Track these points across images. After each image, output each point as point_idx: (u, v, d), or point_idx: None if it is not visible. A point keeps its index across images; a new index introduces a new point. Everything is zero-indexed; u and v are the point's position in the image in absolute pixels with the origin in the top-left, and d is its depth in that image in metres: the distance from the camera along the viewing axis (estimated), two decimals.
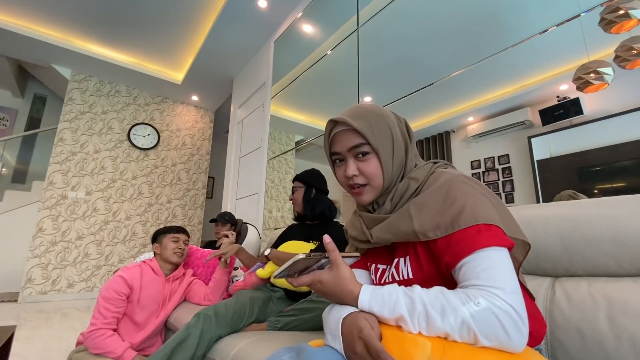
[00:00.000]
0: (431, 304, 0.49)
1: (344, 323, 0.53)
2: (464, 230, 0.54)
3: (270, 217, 3.03)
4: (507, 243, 0.53)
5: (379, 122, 0.65)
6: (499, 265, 0.51)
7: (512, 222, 0.60)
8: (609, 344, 0.66)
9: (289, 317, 1.24)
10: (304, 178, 1.61)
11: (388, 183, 0.65)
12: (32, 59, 4.14)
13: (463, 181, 0.59)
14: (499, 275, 0.50)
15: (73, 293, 3.98)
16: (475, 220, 0.53)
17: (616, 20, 1.12)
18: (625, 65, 1.10)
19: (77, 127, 4.30)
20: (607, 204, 0.77)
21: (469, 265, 0.52)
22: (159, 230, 1.71)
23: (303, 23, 3.03)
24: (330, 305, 0.61)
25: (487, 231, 0.53)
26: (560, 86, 1.30)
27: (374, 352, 0.47)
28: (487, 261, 0.51)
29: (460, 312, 0.47)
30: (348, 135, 0.65)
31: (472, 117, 1.64)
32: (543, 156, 1.36)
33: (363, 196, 0.66)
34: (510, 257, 0.53)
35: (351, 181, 0.66)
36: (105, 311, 1.41)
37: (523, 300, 0.49)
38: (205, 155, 5.34)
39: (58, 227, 4.01)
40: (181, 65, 4.44)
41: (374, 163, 0.64)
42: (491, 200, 0.58)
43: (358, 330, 0.50)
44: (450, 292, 0.50)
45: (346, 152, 0.65)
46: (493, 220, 0.54)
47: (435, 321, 0.48)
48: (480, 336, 0.46)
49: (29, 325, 2.65)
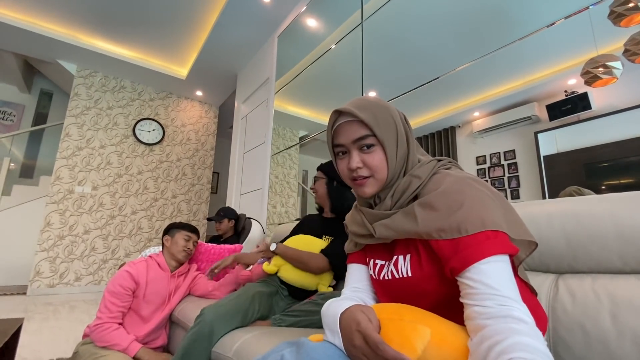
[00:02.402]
0: None
1: (342, 318, 0.53)
2: (472, 237, 0.53)
3: (274, 212, 3.04)
4: (512, 250, 0.54)
5: (384, 114, 0.64)
6: (504, 276, 0.51)
7: (518, 223, 0.59)
8: (612, 341, 0.66)
9: (293, 318, 1.23)
10: (326, 169, 1.52)
11: (391, 177, 0.64)
12: (38, 54, 4.18)
13: (469, 184, 0.58)
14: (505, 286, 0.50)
15: (80, 286, 4.05)
16: (483, 227, 0.53)
17: (626, 13, 1.10)
18: (634, 60, 1.08)
19: (83, 122, 4.34)
20: (612, 200, 0.76)
21: (477, 277, 0.51)
22: (174, 224, 1.73)
23: (307, 17, 3.01)
24: (328, 301, 0.61)
25: (495, 238, 0.53)
26: (568, 80, 1.28)
27: (372, 343, 0.47)
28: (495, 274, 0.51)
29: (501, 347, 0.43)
30: (353, 127, 0.63)
31: (477, 112, 1.62)
32: (550, 152, 1.34)
33: (365, 188, 0.65)
34: (509, 263, 0.54)
35: (354, 173, 0.64)
36: (112, 305, 1.43)
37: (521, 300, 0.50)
38: (210, 151, 5.36)
39: (65, 221, 4.06)
40: (185, 61, 4.44)
41: (379, 155, 0.63)
42: (497, 203, 0.57)
43: (355, 324, 0.50)
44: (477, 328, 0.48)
45: (350, 143, 0.64)
46: (499, 227, 0.54)
47: None
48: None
49: (37, 317, 2.70)
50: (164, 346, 1.60)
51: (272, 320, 1.26)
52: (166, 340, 1.61)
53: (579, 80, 1.21)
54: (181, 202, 4.95)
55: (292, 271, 1.35)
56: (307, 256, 1.32)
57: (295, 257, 1.33)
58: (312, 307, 1.23)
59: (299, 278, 1.34)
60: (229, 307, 1.20)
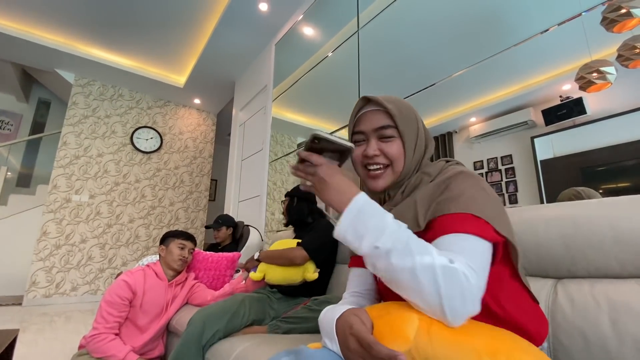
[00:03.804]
0: (415, 240, 0.50)
1: (338, 324, 0.53)
2: (452, 215, 0.54)
3: (273, 219, 3.02)
4: (492, 237, 0.53)
5: (409, 111, 0.67)
6: (476, 251, 0.51)
7: (507, 224, 0.59)
8: (612, 346, 0.65)
9: (289, 325, 1.27)
10: (289, 192, 1.78)
11: (406, 171, 0.65)
12: (36, 64, 4.19)
13: (468, 175, 0.59)
14: (474, 257, 0.50)
15: (77, 296, 4.00)
16: (466, 209, 0.54)
17: (618, 19, 1.11)
18: (628, 65, 1.09)
19: (80, 131, 4.33)
20: (609, 204, 0.76)
21: (448, 240, 0.52)
22: (168, 233, 1.72)
23: (304, 26, 3.04)
24: (325, 309, 0.60)
25: (475, 221, 0.53)
26: (563, 86, 1.29)
27: (366, 345, 0.47)
28: (466, 243, 0.51)
29: (435, 259, 0.47)
30: (377, 116, 0.66)
31: (474, 118, 1.63)
32: (546, 156, 1.35)
33: (380, 180, 0.66)
34: (490, 253, 0.53)
35: (370, 160, 0.65)
36: (108, 316, 1.41)
37: (485, 286, 0.49)
38: (208, 158, 5.35)
39: (62, 230, 4.03)
40: (183, 69, 4.47)
41: (397, 146, 0.65)
42: (491, 199, 0.58)
43: (349, 327, 0.50)
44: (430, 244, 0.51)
45: (371, 131, 0.66)
46: (484, 215, 0.53)
47: (410, 253, 0.48)
48: (441, 286, 0.46)
49: (33, 328, 2.66)
50: (161, 356, 1.58)
51: (269, 326, 1.29)
52: (163, 350, 1.59)
53: (574, 85, 1.23)
54: (179, 209, 4.93)
55: (276, 272, 1.48)
56: (286, 251, 1.48)
57: (276, 255, 1.49)
58: (307, 313, 1.27)
59: (285, 275, 1.46)
60: (216, 308, 1.26)
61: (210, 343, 1.17)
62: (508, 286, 0.59)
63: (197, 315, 1.23)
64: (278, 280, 1.47)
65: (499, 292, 0.56)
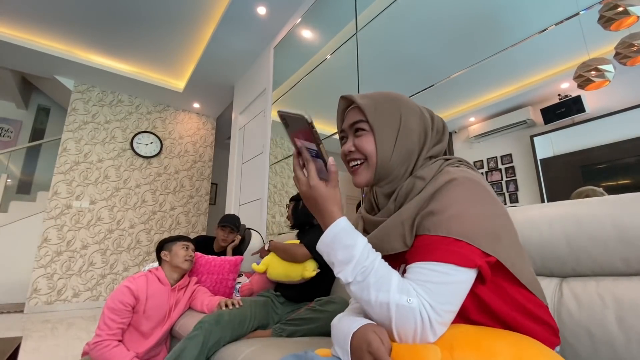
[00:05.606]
0: (376, 271, 0.51)
1: (354, 337, 0.51)
2: (430, 237, 0.52)
3: (274, 222, 3.02)
4: (473, 264, 0.49)
5: (389, 105, 0.64)
6: (447, 282, 0.49)
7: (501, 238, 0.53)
8: (619, 344, 0.65)
9: (293, 327, 1.27)
10: (294, 197, 1.90)
11: (382, 166, 0.62)
12: (35, 71, 4.20)
13: (459, 183, 0.54)
14: (441, 291, 0.49)
15: (79, 302, 3.99)
16: (447, 231, 0.51)
17: (615, 18, 1.12)
18: (625, 62, 1.10)
19: (80, 137, 4.34)
20: (612, 202, 0.76)
21: (418, 268, 0.51)
22: (165, 240, 1.72)
23: (302, 29, 3.05)
24: (339, 315, 0.60)
25: (454, 246, 0.50)
26: (562, 84, 1.30)
27: None
28: (436, 274, 0.50)
29: (392, 296, 0.49)
30: (353, 113, 0.66)
31: (473, 118, 1.64)
32: (546, 155, 1.35)
33: (357, 176, 0.65)
34: (469, 279, 0.51)
35: (349, 157, 0.66)
36: (111, 322, 1.41)
37: (450, 319, 0.49)
38: (208, 162, 5.36)
39: (63, 236, 4.03)
40: (182, 74, 4.48)
41: (368, 139, 0.63)
42: (484, 211, 0.54)
43: (367, 345, 0.49)
44: (396, 275, 0.52)
45: (348, 128, 0.67)
46: (468, 236, 0.50)
47: (367, 287, 0.51)
48: (393, 322, 0.48)
49: (35, 335, 2.65)
50: None
51: (273, 330, 1.29)
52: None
53: (572, 84, 1.23)
54: (180, 214, 4.93)
55: (278, 267, 1.57)
56: (291, 246, 1.57)
57: (282, 247, 1.60)
58: (311, 314, 1.27)
59: (285, 271, 1.53)
60: (226, 315, 1.25)
61: (215, 349, 1.16)
62: (515, 294, 0.55)
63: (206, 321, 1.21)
64: (278, 275, 1.55)
65: (504, 304, 0.54)
